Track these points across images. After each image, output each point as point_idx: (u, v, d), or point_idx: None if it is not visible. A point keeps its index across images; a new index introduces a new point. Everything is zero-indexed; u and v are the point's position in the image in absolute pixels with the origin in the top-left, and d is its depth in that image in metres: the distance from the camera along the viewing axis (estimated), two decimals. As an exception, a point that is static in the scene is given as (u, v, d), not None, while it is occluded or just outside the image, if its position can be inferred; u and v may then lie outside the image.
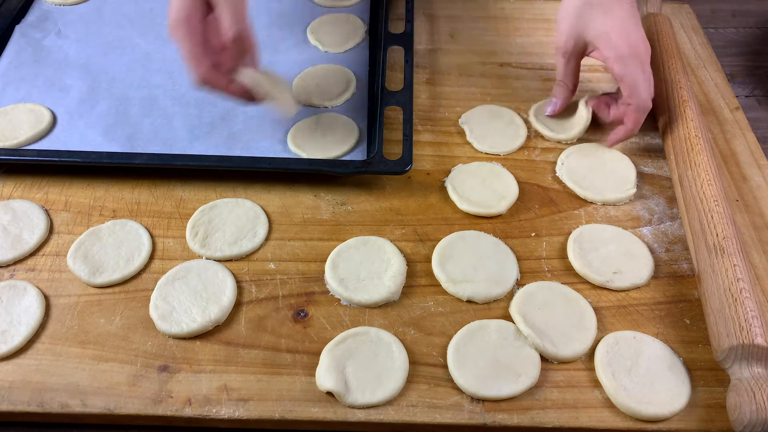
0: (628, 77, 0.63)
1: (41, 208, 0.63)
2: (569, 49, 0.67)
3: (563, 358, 0.53)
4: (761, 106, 0.82)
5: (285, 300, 0.57)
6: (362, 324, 0.56)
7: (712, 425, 0.50)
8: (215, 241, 0.61)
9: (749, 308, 0.50)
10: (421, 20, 0.87)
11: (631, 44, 0.63)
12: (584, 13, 0.64)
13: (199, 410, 0.50)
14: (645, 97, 0.63)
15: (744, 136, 0.72)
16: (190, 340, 0.54)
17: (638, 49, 0.63)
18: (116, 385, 0.52)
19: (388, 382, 0.51)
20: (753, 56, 0.90)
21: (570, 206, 0.65)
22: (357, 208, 0.65)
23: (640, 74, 0.63)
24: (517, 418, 0.50)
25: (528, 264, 0.60)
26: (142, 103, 0.73)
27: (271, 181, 0.66)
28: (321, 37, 0.81)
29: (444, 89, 0.77)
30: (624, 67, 0.63)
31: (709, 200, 0.58)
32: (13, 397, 0.51)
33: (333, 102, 0.73)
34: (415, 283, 0.59)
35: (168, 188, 0.66)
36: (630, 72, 0.63)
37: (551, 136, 0.71)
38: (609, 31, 0.63)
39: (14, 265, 0.59)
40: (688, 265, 0.60)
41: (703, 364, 0.54)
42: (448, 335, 0.55)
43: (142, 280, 0.59)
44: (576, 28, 0.65)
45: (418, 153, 0.69)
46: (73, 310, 0.56)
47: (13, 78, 0.75)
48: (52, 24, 0.83)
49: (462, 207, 0.64)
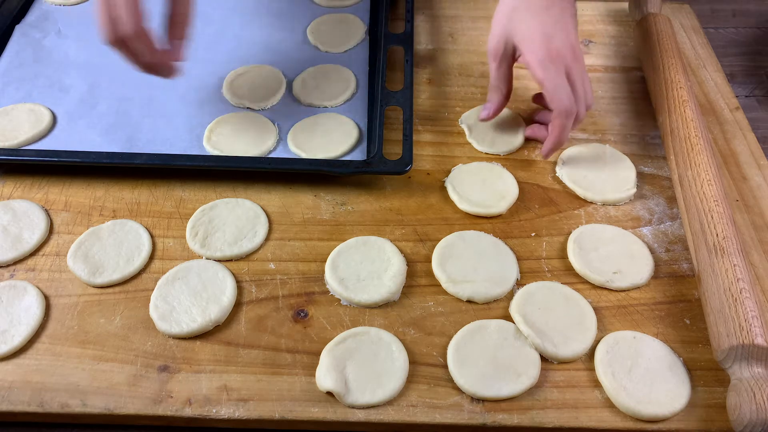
0: (548, 82, 0.61)
1: (41, 208, 0.63)
2: (499, 52, 0.65)
3: (563, 358, 0.53)
4: (761, 106, 0.82)
5: (285, 300, 0.57)
6: (362, 324, 0.56)
7: (712, 425, 0.50)
8: (215, 241, 0.61)
9: (749, 308, 0.50)
10: (421, 20, 0.87)
11: (553, 48, 0.61)
12: (513, 17, 0.64)
13: (199, 410, 0.50)
14: (567, 103, 0.61)
15: (744, 136, 0.72)
16: (190, 340, 0.54)
17: (562, 53, 0.61)
18: (116, 385, 0.52)
19: (388, 382, 0.51)
20: (753, 56, 0.90)
21: (570, 206, 0.65)
22: (357, 208, 0.65)
23: (560, 78, 0.61)
24: (517, 418, 0.50)
25: (528, 264, 0.60)
26: (142, 103, 0.73)
27: (271, 181, 0.66)
28: (321, 37, 0.81)
29: (444, 89, 0.77)
30: (544, 71, 0.61)
31: (709, 200, 0.58)
32: (13, 397, 0.51)
33: (333, 102, 0.73)
34: (415, 283, 0.59)
35: (168, 188, 0.66)
36: (550, 76, 0.61)
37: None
38: (532, 34, 0.62)
39: (14, 265, 0.59)
40: (688, 265, 0.60)
41: (703, 364, 0.54)
42: (448, 335, 0.55)
43: (142, 280, 0.59)
44: (505, 31, 0.64)
45: (418, 153, 0.69)
46: (73, 310, 0.56)
47: (13, 78, 0.76)
48: (52, 24, 0.83)
49: (462, 207, 0.64)
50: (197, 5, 0.70)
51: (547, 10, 0.63)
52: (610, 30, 0.86)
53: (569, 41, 0.62)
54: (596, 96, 0.76)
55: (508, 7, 0.64)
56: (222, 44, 0.79)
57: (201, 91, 0.74)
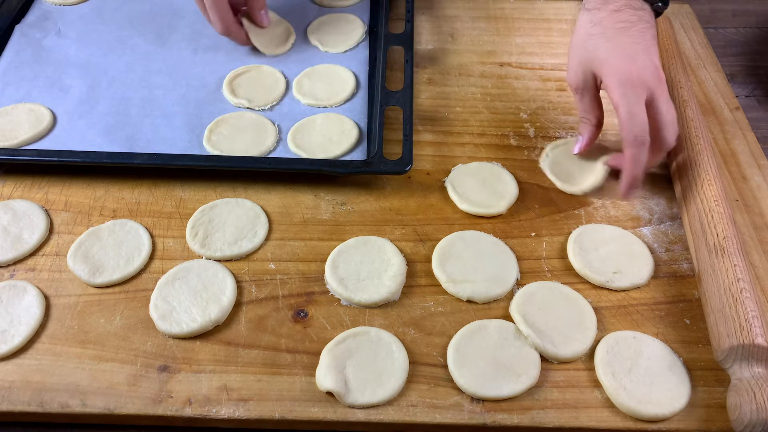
0: (623, 107, 0.56)
1: (41, 208, 0.63)
2: (579, 84, 0.62)
3: (563, 358, 0.53)
4: (761, 106, 0.82)
5: (285, 300, 0.57)
6: (362, 324, 0.56)
7: (712, 425, 0.50)
8: (215, 241, 0.61)
9: (749, 308, 0.50)
10: (421, 20, 0.87)
11: (634, 70, 0.56)
12: (589, 44, 0.60)
13: (199, 410, 0.50)
14: (637, 131, 0.56)
15: (744, 136, 0.72)
16: (190, 340, 0.54)
17: (644, 76, 0.56)
18: (116, 385, 0.52)
19: (388, 382, 0.51)
20: (753, 56, 0.90)
21: (570, 206, 0.65)
22: (357, 208, 0.65)
23: (638, 106, 0.56)
24: (517, 418, 0.50)
25: (528, 264, 0.60)
26: (142, 103, 0.73)
27: (271, 181, 0.66)
28: (321, 37, 0.81)
29: (444, 89, 0.77)
30: (621, 95, 0.56)
31: (709, 200, 0.58)
32: (13, 397, 0.51)
33: (333, 102, 0.73)
34: (415, 283, 0.59)
35: (168, 188, 0.66)
36: (626, 102, 0.56)
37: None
38: (611, 57, 0.58)
39: (14, 265, 0.59)
40: (688, 265, 0.60)
41: (703, 364, 0.54)
42: (448, 335, 0.55)
43: (142, 280, 0.59)
44: (582, 60, 0.61)
45: (418, 153, 0.69)
46: (73, 310, 0.56)
47: (13, 78, 0.75)
48: (52, 24, 0.83)
49: (462, 207, 0.64)
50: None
51: (626, 32, 0.59)
52: (610, 30, 0.86)
53: (652, 63, 0.58)
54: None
55: (582, 36, 0.61)
56: (222, 44, 0.79)
57: (201, 91, 0.74)
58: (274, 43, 0.79)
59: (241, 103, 0.72)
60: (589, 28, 0.61)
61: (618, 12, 0.60)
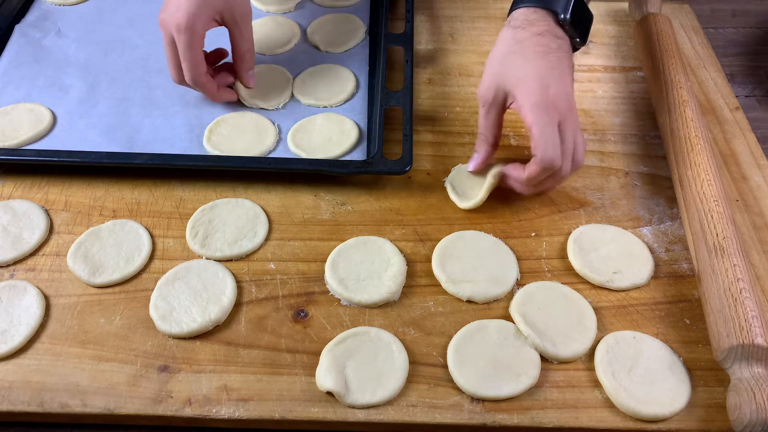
0: (536, 127, 0.56)
1: (41, 208, 0.63)
2: (489, 98, 0.60)
3: (563, 358, 0.53)
4: (761, 106, 0.82)
5: (285, 300, 0.57)
6: (362, 324, 0.56)
7: (712, 425, 0.50)
8: (215, 241, 0.61)
9: (749, 308, 0.50)
10: (421, 20, 0.87)
11: (549, 95, 0.57)
12: (507, 62, 0.60)
13: (199, 410, 0.50)
14: (551, 153, 0.56)
15: (744, 136, 0.72)
16: (190, 340, 0.54)
17: (557, 102, 0.57)
18: (116, 385, 0.52)
19: (388, 382, 0.51)
20: (753, 56, 0.90)
21: (570, 206, 0.65)
22: (357, 208, 0.65)
23: (551, 127, 0.56)
24: (517, 418, 0.50)
25: (528, 264, 0.60)
26: (142, 103, 0.73)
27: (271, 181, 0.66)
28: (321, 37, 0.81)
29: (444, 89, 0.77)
30: (535, 116, 0.56)
31: (709, 200, 0.58)
32: (13, 397, 0.51)
33: (333, 102, 0.73)
34: (415, 283, 0.59)
35: (168, 188, 0.66)
36: (540, 122, 0.56)
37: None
38: (527, 79, 0.58)
39: (14, 265, 0.59)
40: (688, 265, 0.60)
41: (703, 364, 0.54)
42: (448, 335, 0.55)
43: (142, 280, 0.59)
44: (497, 76, 0.60)
45: (418, 153, 0.69)
46: (73, 310, 0.56)
47: (13, 78, 0.75)
48: (52, 24, 0.83)
49: (462, 207, 0.64)
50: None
51: (545, 56, 0.59)
52: (610, 30, 0.86)
53: (565, 91, 0.58)
54: (596, 96, 0.77)
55: (502, 52, 0.61)
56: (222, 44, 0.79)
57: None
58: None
59: (255, 103, 0.72)
60: (511, 45, 0.60)
61: (540, 36, 0.60)
